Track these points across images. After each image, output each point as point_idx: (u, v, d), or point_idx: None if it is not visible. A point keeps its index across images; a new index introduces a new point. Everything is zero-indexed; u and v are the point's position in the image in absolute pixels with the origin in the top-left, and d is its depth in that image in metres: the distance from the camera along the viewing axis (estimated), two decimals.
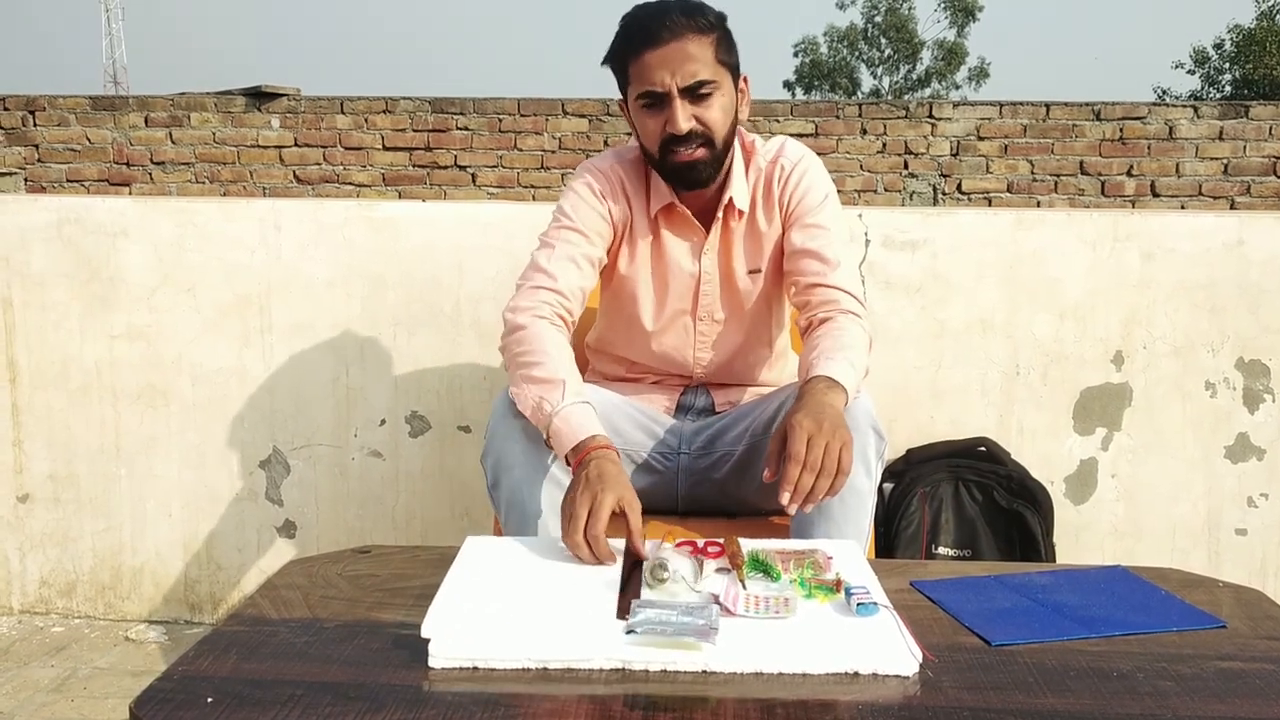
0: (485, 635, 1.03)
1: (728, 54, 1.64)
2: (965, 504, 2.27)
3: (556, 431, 1.45)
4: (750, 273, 1.77)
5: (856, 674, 0.99)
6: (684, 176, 1.67)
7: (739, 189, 1.73)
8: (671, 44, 1.58)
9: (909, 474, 2.30)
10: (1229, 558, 2.41)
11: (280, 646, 1.06)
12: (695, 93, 1.60)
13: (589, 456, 1.39)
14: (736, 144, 1.75)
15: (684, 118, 1.60)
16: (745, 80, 1.70)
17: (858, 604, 1.09)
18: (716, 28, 1.62)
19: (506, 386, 1.58)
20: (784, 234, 1.74)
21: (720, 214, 1.74)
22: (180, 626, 2.53)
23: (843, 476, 1.35)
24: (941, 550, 2.25)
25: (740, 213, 1.74)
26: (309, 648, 1.05)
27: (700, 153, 1.63)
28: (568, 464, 1.44)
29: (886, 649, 1.02)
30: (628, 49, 1.62)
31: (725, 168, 1.71)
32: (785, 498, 1.33)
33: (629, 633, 1.02)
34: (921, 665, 1.01)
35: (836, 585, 1.14)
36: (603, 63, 1.69)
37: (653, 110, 1.63)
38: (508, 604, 1.11)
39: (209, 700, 0.94)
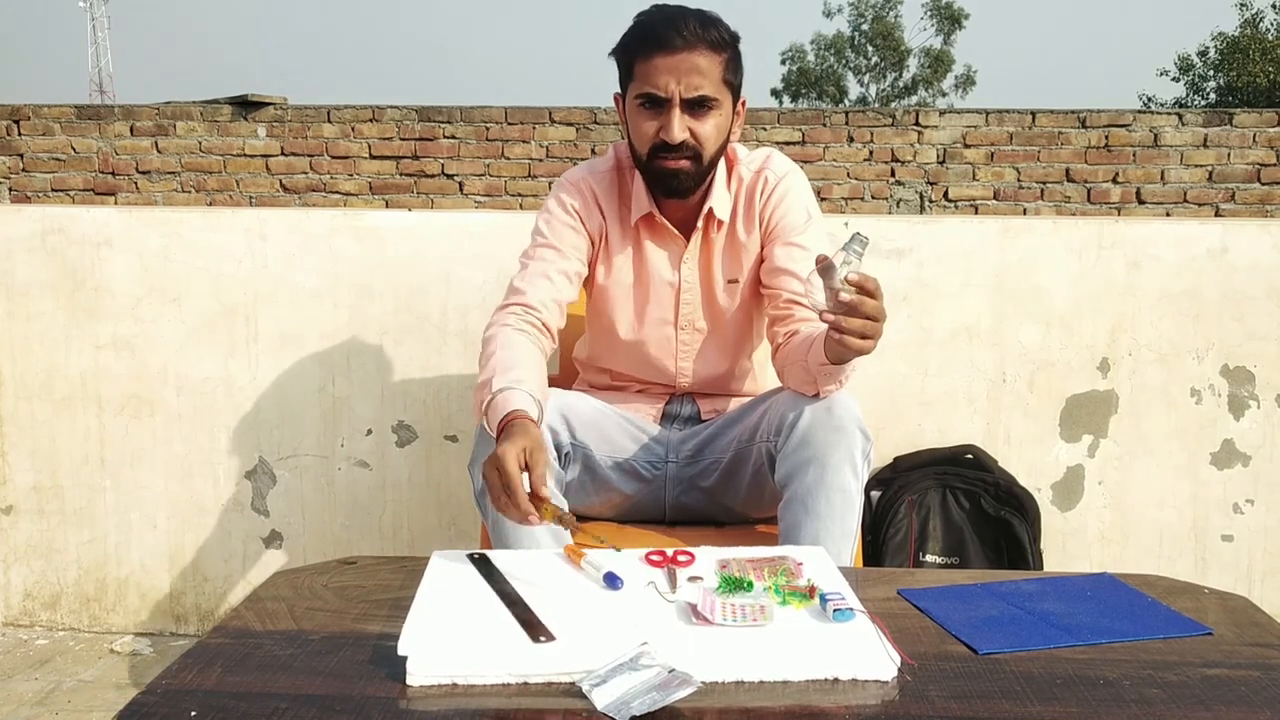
0: (463, 651, 1.02)
1: (734, 75, 1.65)
2: (953, 511, 2.28)
3: (489, 422, 1.47)
4: (729, 283, 1.78)
5: (836, 680, 1.00)
6: (666, 183, 1.68)
7: (720, 199, 1.74)
8: (683, 53, 1.59)
9: (896, 482, 2.30)
10: (1215, 564, 2.42)
11: (265, 659, 1.05)
12: (695, 106, 1.62)
13: (503, 429, 1.41)
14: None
15: (679, 128, 1.61)
16: (743, 103, 1.72)
17: (834, 610, 1.09)
18: (729, 46, 1.63)
19: None
20: (763, 248, 1.76)
21: (700, 224, 1.75)
22: (165, 639, 2.51)
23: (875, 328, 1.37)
24: (929, 558, 2.25)
25: (720, 223, 1.75)
26: (294, 660, 1.05)
27: (685, 164, 1.64)
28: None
29: (865, 654, 1.02)
30: (639, 47, 1.62)
31: (708, 180, 1.72)
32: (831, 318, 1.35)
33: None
34: (907, 673, 1.01)
35: (810, 592, 1.14)
36: (610, 53, 1.69)
37: (649, 113, 1.64)
38: (483, 618, 1.11)
39: (193, 714, 0.93)
